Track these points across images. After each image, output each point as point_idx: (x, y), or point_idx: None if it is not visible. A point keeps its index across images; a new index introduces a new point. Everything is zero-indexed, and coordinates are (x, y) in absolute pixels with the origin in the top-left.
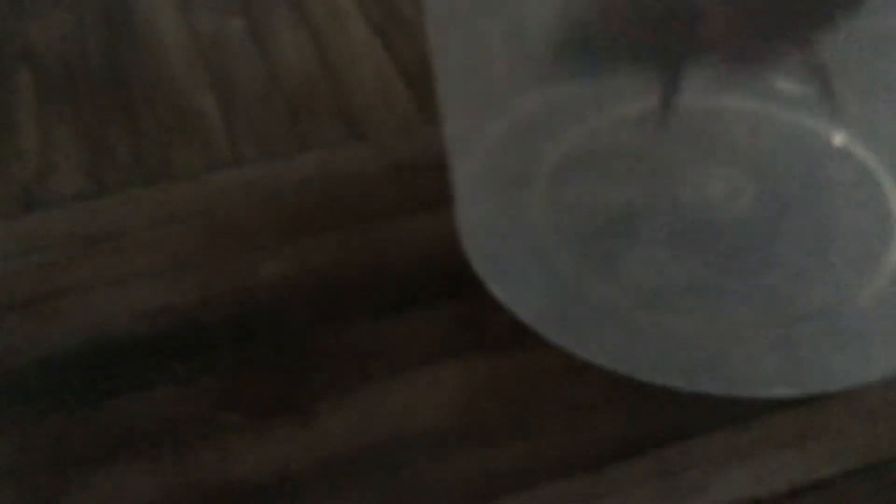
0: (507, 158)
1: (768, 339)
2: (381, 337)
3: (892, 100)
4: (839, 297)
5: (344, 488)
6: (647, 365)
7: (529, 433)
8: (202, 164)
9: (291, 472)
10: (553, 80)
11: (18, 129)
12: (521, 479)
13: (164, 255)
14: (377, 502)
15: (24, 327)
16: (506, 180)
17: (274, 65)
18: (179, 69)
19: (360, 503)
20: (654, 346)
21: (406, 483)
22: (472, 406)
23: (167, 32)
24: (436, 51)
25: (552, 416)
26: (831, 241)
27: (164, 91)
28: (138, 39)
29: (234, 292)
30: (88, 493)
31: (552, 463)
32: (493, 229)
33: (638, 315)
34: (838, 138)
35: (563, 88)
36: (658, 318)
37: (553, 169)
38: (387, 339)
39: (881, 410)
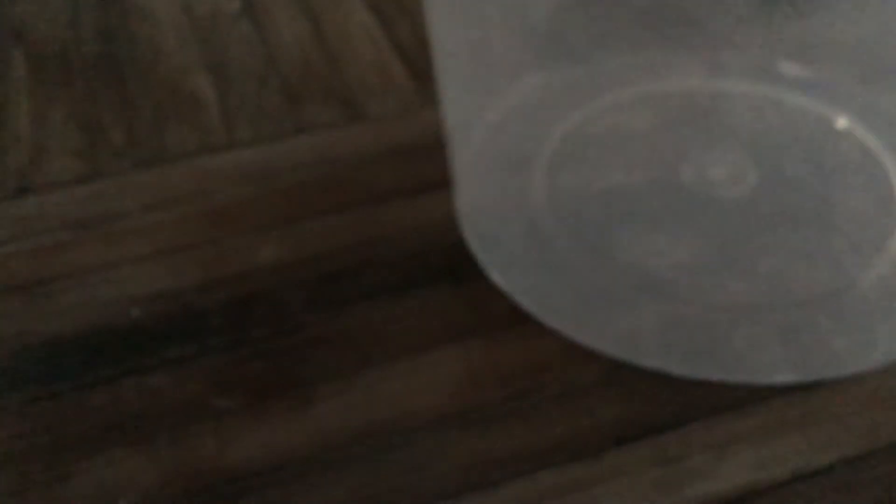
0: (506, 141)
1: (769, 324)
2: (379, 321)
3: None
4: (841, 281)
5: (341, 474)
6: (647, 350)
7: (529, 418)
8: (197, 147)
9: (289, 457)
10: (553, 63)
11: (11, 112)
12: (520, 465)
13: (159, 240)
14: (375, 488)
15: (17, 312)
16: (505, 163)
17: (270, 46)
18: (174, 51)
19: (358, 489)
20: (653, 331)
21: (404, 469)
22: (471, 391)
23: (162, 13)
24: (434, 32)
25: (551, 402)
26: (834, 225)
27: (158, 73)
28: (133, 21)
29: (231, 276)
30: (86, 478)
31: (551, 448)
32: (492, 212)
33: (638, 299)
34: (841, 121)
35: (563, 70)
36: (658, 302)
37: (553, 152)
38: (385, 323)
39: (883, 396)
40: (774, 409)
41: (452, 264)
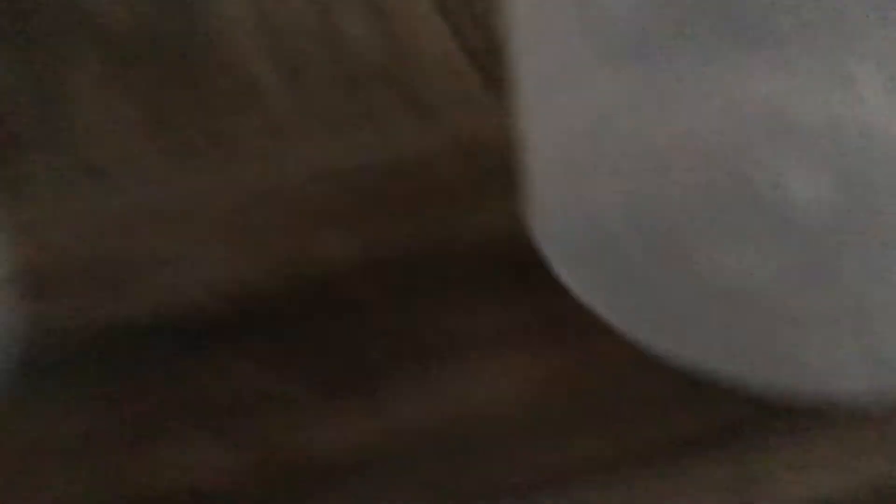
0: (581, 145)
1: (852, 340)
2: (447, 322)
3: None
4: None
5: (413, 470)
6: (724, 361)
7: (599, 425)
8: (267, 143)
9: (361, 449)
10: (630, 67)
11: (82, 105)
12: (590, 470)
13: (229, 232)
14: (447, 484)
15: (99, 299)
16: (579, 167)
17: (339, 46)
18: (244, 47)
19: (431, 484)
20: (731, 342)
21: (476, 467)
22: (541, 395)
23: (229, 6)
24: (510, 30)
25: (622, 409)
26: None
27: (228, 69)
28: (203, 16)
29: (304, 270)
30: (162, 466)
31: (622, 456)
32: (564, 216)
33: (715, 310)
34: None
35: (641, 75)
36: (737, 313)
37: (628, 157)
38: (453, 324)
39: None
40: (857, 426)
41: (523, 267)
